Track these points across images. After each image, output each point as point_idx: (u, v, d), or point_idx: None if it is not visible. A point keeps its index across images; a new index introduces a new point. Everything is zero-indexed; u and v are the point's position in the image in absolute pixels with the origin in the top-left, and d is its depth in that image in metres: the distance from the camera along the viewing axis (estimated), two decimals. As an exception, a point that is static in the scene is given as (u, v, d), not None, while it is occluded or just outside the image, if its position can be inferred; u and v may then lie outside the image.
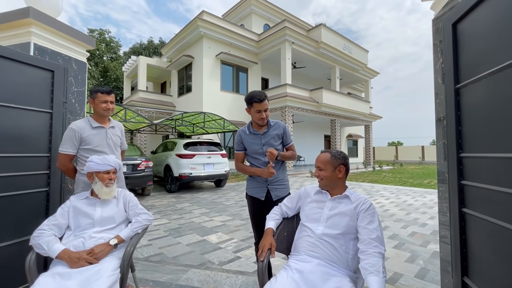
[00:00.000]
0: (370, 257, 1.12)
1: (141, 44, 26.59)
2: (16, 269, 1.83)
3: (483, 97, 1.18)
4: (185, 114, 7.94)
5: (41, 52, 2.14)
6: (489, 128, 1.16)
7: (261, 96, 1.82)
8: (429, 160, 24.29)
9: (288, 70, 13.34)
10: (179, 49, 14.20)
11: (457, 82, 1.36)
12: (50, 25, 2.16)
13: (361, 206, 1.31)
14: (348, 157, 1.47)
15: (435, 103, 1.71)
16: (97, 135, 1.95)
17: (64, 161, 1.90)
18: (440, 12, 1.64)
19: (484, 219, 1.18)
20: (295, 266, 1.22)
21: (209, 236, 3.46)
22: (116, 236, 1.52)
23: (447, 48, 1.42)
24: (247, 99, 1.87)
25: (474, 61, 1.25)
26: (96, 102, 1.96)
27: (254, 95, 1.83)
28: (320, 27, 14.55)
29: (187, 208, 5.21)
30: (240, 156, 2.02)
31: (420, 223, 4.06)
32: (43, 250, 1.38)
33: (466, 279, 1.30)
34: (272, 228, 1.45)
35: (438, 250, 2.89)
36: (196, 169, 7.01)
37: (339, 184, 1.41)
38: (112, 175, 1.65)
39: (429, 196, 6.43)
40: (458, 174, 1.35)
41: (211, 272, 2.38)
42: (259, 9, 16.72)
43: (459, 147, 1.35)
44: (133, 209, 1.69)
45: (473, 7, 1.22)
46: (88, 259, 1.37)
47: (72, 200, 1.62)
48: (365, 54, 17.96)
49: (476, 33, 1.24)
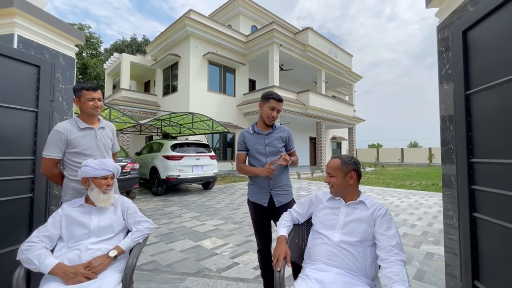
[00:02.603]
0: (393, 265, 1.10)
1: (124, 41, 25.68)
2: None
3: (495, 104, 1.20)
4: (173, 115, 7.71)
5: (25, 45, 1.96)
6: (501, 135, 1.18)
7: (279, 96, 1.88)
8: (408, 161, 25.34)
9: (276, 72, 13.39)
10: (164, 48, 13.82)
11: (468, 88, 1.38)
12: (36, 16, 1.98)
13: (378, 212, 1.28)
14: (360, 162, 1.45)
15: (440, 108, 1.74)
16: (85, 137, 1.77)
17: (49, 166, 1.72)
18: (446, 20, 1.67)
19: (496, 223, 1.20)
20: (314, 276, 1.18)
21: (203, 241, 3.34)
22: (116, 247, 1.40)
23: (457, 55, 1.44)
24: (265, 94, 1.89)
25: (485, 68, 1.27)
26: (82, 101, 1.76)
27: (273, 93, 1.89)
28: (307, 30, 14.76)
29: (176, 212, 5.03)
30: (242, 156, 1.96)
31: (409, 224, 4.17)
32: (33, 266, 1.24)
33: (477, 282, 1.32)
34: (285, 235, 1.39)
35: (431, 251, 2.97)
36: (184, 171, 6.82)
37: (351, 190, 1.38)
38: (110, 181, 1.52)
39: (413, 197, 6.67)
40: (469, 179, 1.37)
41: (210, 280, 2.28)
42: (247, 10, 16.69)
43: (469, 153, 1.37)
44: (133, 216, 1.57)
45: (486, 16, 1.24)
46: (86, 273, 1.25)
47: (65, 208, 1.47)
48: (350, 59, 18.45)
49: (487, 41, 1.26)
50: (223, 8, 17.14)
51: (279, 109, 1.87)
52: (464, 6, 1.50)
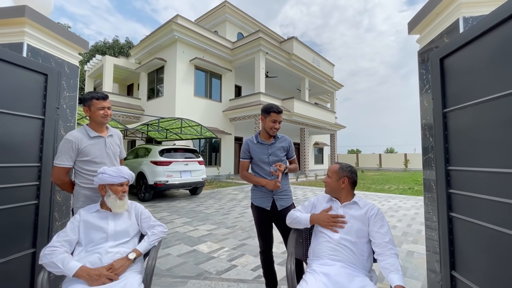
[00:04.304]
0: (388, 258, 1.29)
1: (105, 42, 24.96)
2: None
3: (467, 121, 1.45)
4: (161, 120, 7.67)
5: (34, 54, 1.99)
6: (470, 147, 1.42)
7: (279, 108, 2.02)
8: (386, 167, 26.58)
9: (262, 79, 13.69)
10: (150, 51, 13.68)
11: (445, 107, 1.63)
12: (45, 26, 2.02)
13: (371, 211, 1.48)
14: (356, 172, 1.65)
15: (421, 122, 2.00)
16: (95, 145, 1.82)
17: (60, 175, 1.75)
18: (425, 46, 1.94)
19: (469, 221, 1.43)
20: (320, 270, 1.34)
21: (198, 246, 3.41)
22: (134, 250, 1.49)
23: (435, 78, 1.69)
24: (265, 108, 2.03)
25: (459, 91, 1.52)
26: (92, 110, 1.81)
27: (273, 106, 2.02)
28: (292, 40, 15.27)
29: (167, 217, 5.02)
30: (245, 164, 2.11)
31: (390, 225, 4.47)
32: (57, 269, 1.30)
33: (454, 272, 1.55)
34: (309, 214, 1.60)
35: (411, 250, 3.26)
36: (173, 177, 6.79)
37: (343, 193, 1.58)
38: (125, 187, 1.60)
39: (392, 200, 7.10)
40: (446, 184, 1.61)
41: (211, 282, 2.37)
42: (233, 18, 16.96)
43: (446, 161, 1.62)
44: (147, 221, 1.66)
45: (460, 47, 1.49)
46: (109, 275, 1.32)
47: (82, 214, 1.53)
48: (332, 68, 19.25)
49: (460, 68, 1.51)
50: (210, 14, 17.29)
51: (281, 120, 2.04)
52: (440, 37, 1.77)
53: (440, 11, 1.75)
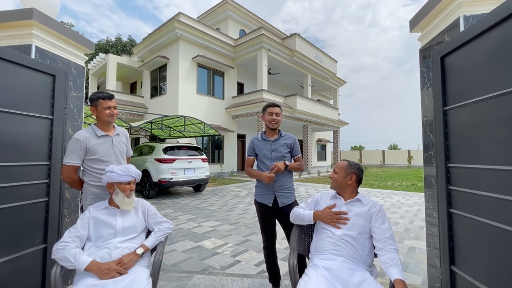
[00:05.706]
0: (388, 252, 1.33)
1: (108, 40, 25.05)
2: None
3: (466, 119, 1.47)
4: (165, 118, 7.74)
5: (42, 56, 2.04)
6: (469, 145, 1.45)
7: (274, 102, 2.19)
8: (389, 163, 26.48)
9: (264, 76, 13.67)
10: (152, 50, 13.72)
11: (445, 105, 1.65)
12: (52, 28, 2.07)
13: (373, 208, 1.52)
14: (363, 170, 1.68)
15: (422, 120, 2.02)
16: (102, 144, 1.87)
17: (70, 173, 1.81)
18: (427, 44, 1.95)
19: (468, 217, 1.46)
20: (322, 264, 1.38)
21: (202, 242, 3.47)
22: (142, 245, 1.54)
23: (436, 76, 1.71)
24: (263, 107, 2.17)
25: (459, 89, 1.54)
26: (99, 110, 1.87)
27: (268, 103, 2.17)
28: (295, 36, 15.19)
29: (171, 214, 5.11)
30: (250, 160, 2.20)
31: (393, 222, 4.52)
32: (69, 263, 1.36)
33: (453, 267, 1.58)
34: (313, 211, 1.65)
35: (413, 246, 3.29)
36: (177, 174, 6.87)
37: (349, 189, 1.61)
38: (132, 186, 1.66)
39: (395, 197, 7.11)
40: (446, 181, 1.63)
41: (216, 276, 2.43)
42: (235, 15, 16.90)
43: (446, 158, 1.64)
44: (153, 218, 1.71)
45: (460, 46, 1.51)
46: (119, 269, 1.38)
47: (92, 211, 1.59)
48: (334, 64, 19.13)
49: (460, 67, 1.53)
50: (212, 12, 17.24)
51: (277, 112, 2.11)
52: (441, 35, 1.78)
53: (441, 9, 1.76)
